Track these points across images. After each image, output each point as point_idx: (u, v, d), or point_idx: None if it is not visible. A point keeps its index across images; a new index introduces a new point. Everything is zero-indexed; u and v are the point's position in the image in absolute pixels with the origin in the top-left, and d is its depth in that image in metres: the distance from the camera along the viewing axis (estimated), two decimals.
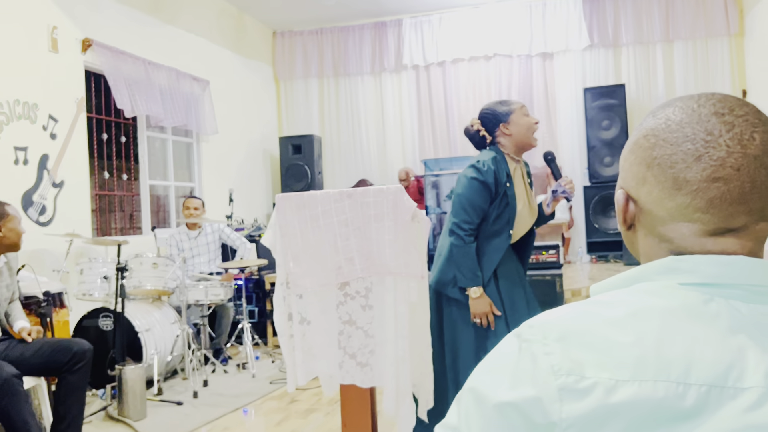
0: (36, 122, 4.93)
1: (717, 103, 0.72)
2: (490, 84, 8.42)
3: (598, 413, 0.62)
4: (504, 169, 2.67)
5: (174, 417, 4.00)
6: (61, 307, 4.17)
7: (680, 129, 0.72)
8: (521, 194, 2.74)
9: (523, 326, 0.71)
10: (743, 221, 0.71)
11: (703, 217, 0.71)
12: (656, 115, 0.76)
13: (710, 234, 0.72)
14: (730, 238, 0.72)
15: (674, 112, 0.74)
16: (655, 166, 0.74)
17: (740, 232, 0.71)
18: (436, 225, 7.17)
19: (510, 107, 2.72)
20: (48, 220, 4.99)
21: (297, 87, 9.09)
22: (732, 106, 0.72)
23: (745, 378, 0.62)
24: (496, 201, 2.63)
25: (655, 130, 0.75)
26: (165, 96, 6.39)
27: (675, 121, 0.73)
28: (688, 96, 0.76)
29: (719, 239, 0.72)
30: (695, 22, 7.65)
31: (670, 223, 0.74)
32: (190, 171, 7.32)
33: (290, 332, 2.14)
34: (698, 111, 0.72)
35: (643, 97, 7.91)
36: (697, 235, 0.72)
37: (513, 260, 2.77)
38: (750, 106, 0.73)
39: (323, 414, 3.99)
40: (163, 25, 6.61)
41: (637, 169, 0.76)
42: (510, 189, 2.67)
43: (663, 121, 0.74)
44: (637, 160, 0.76)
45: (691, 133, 0.71)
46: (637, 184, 0.77)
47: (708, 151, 0.70)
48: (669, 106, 0.76)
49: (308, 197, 2.13)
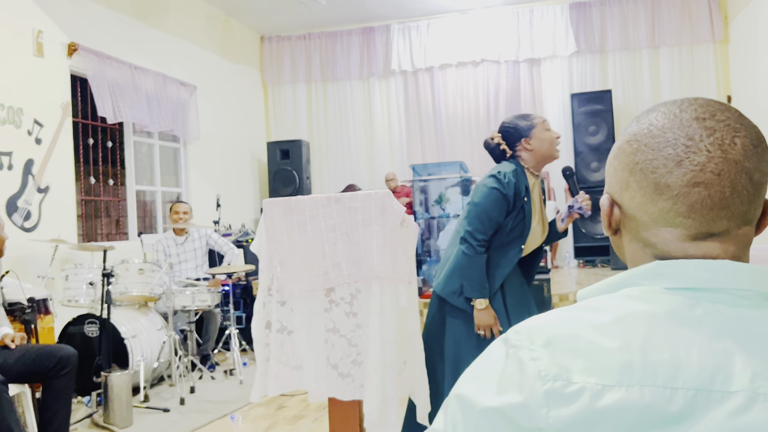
0: (21, 127, 4.88)
1: (699, 108, 0.72)
2: (477, 89, 8.46)
3: (585, 418, 0.62)
4: (523, 182, 2.65)
5: (161, 424, 3.97)
6: (45, 314, 4.12)
7: (662, 134, 0.72)
8: (536, 210, 2.73)
9: (509, 332, 0.70)
10: (725, 226, 0.71)
11: (685, 221, 0.71)
12: (640, 121, 0.76)
13: (692, 239, 0.72)
14: (713, 242, 0.72)
15: (657, 117, 0.74)
16: (638, 172, 0.74)
17: (723, 236, 0.72)
18: (424, 230, 7.17)
19: (532, 122, 2.70)
20: (33, 225, 4.94)
21: (285, 92, 9.08)
22: (714, 111, 0.72)
23: (732, 382, 0.62)
24: (512, 213, 2.61)
25: (638, 135, 0.75)
26: (151, 101, 6.36)
27: (657, 126, 0.73)
28: (672, 101, 0.76)
29: (701, 244, 0.72)
30: (681, 29, 7.72)
31: (653, 228, 0.74)
32: (177, 176, 7.28)
33: (266, 341, 2.13)
34: (680, 116, 0.72)
35: (630, 102, 7.97)
36: (680, 239, 0.73)
37: (518, 275, 2.76)
38: (732, 111, 0.73)
39: (311, 420, 3.97)
40: (150, 29, 6.58)
41: (621, 174, 0.77)
42: (527, 204, 2.65)
43: (646, 127, 0.74)
44: (621, 165, 0.77)
45: (673, 138, 0.71)
46: (621, 189, 0.77)
47: (689, 156, 0.70)
48: (653, 111, 0.76)
49: (296, 202, 2.13)
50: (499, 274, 2.62)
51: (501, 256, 2.63)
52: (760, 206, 0.73)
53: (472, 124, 8.41)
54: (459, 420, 0.68)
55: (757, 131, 0.72)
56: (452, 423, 0.68)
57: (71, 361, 3.23)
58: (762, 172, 0.71)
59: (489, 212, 2.57)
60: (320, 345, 2.10)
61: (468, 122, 8.42)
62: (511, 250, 2.63)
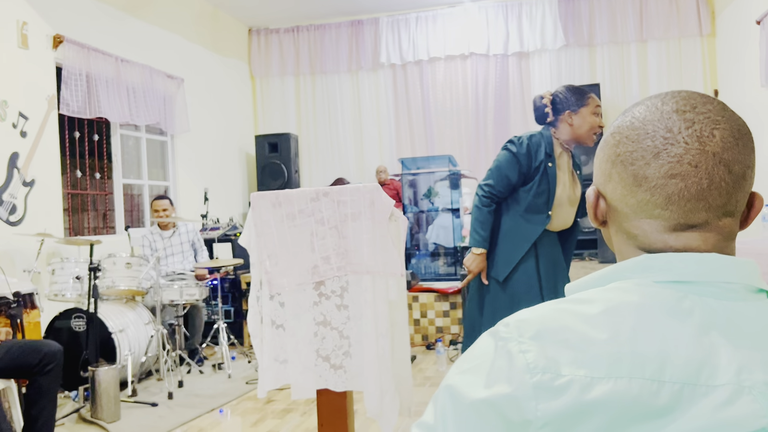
0: (6, 120, 4.83)
1: (681, 100, 0.73)
2: (467, 83, 8.45)
3: (574, 411, 0.62)
4: (546, 149, 2.73)
5: (148, 418, 3.95)
6: (32, 308, 4.09)
7: (642, 126, 0.73)
8: (563, 179, 2.79)
9: (498, 325, 0.70)
10: (704, 217, 0.71)
11: (663, 213, 0.72)
12: (625, 114, 0.77)
13: (672, 230, 0.73)
14: (692, 233, 0.72)
15: (640, 110, 0.75)
16: (619, 164, 0.75)
17: (702, 228, 0.72)
18: (413, 224, 7.18)
19: (585, 100, 2.76)
20: (18, 219, 4.89)
21: (273, 85, 9.03)
22: (695, 104, 0.72)
23: (717, 376, 0.63)
24: (536, 177, 2.71)
25: (621, 128, 0.76)
26: (138, 94, 6.30)
27: (639, 119, 0.74)
28: (657, 94, 0.77)
29: (681, 235, 0.72)
30: (668, 23, 7.75)
31: (634, 220, 0.75)
32: (165, 169, 7.24)
33: (261, 335, 2.13)
34: (661, 108, 0.73)
35: (618, 96, 8.00)
36: (659, 231, 0.73)
37: (554, 243, 2.82)
38: (715, 103, 0.73)
39: (300, 414, 3.97)
40: (136, 21, 6.52)
41: (604, 166, 0.78)
42: (551, 169, 2.72)
43: (629, 119, 0.75)
44: (605, 157, 0.78)
45: (652, 130, 0.72)
46: (605, 181, 0.78)
47: (666, 148, 0.71)
48: (639, 104, 0.77)
49: (284, 196, 2.12)
50: (525, 240, 2.72)
51: (527, 220, 2.73)
52: (743, 198, 0.73)
53: (461, 118, 8.41)
54: (449, 412, 0.68)
55: (740, 123, 0.73)
56: (442, 415, 0.69)
57: (56, 357, 3.20)
58: (743, 164, 0.71)
59: (501, 168, 2.74)
60: (309, 339, 2.09)
61: (457, 116, 8.42)
62: (538, 216, 2.73)
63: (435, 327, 5.83)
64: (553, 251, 2.81)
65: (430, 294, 5.87)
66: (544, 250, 2.76)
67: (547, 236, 2.78)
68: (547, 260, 2.76)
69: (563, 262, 2.88)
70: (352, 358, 2.07)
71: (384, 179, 7.95)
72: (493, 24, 8.27)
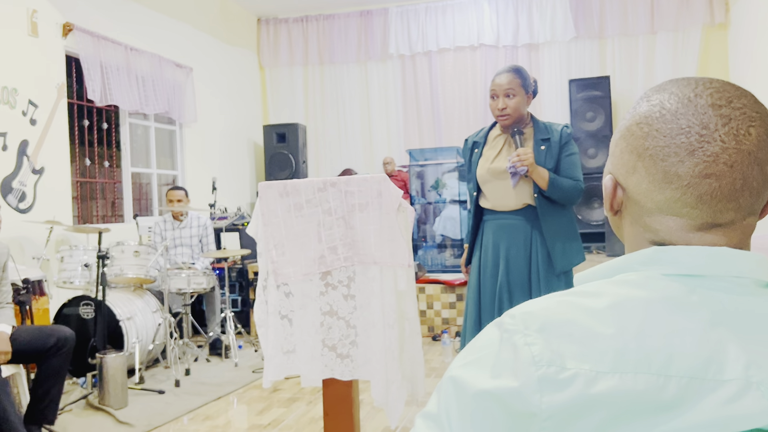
0: (15, 107, 4.85)
1: (715, 93, 0.70)
2: (476, 74, 8.41)
3: (578, 404, 0.62)
4: (483, 136, 2.92)
5: (156, 406, 3.98)
6: (41, 295, 4.12)
7: (675, 120, 0.70)
8: (489, 156, 2.86)
9: (504, 316, 0.70)
10: (731, 217, 0.70)
11: (692, 212, 0.70)
12: (651, 100, 0.73)
13: (697, 229, 0.71)
14: (716, 233, 0.71)
15: (669, 99, 0.71)
16: (647, 157, 0.72)
17: (727, 227, 0.71)
18: (420, 215, 7.17)
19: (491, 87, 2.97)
20: (28, 206, 4.92)
21: (282, 75, 9.02)
22: (730, 98, 0.69)
23: (725, 370, 0.62)
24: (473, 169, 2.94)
25: (649, 119, 0.72)
26: (147, 83, 6.31)
27: (670, 110, 0.71)
28: (684, 80, 0.73)
29: (705, 234, 0.71)
30: (679, 14, 7.68)
31: (657, 215, 0.73)
32: (173, 158, 7.25)
33: (267, 325, 2.14)
34: (695, 101, 0.70)
35: (628, 88, 7.94)
36: (684, 229, 0.72)
37: (519, 241, 2.75)
38: (749, 97, 0.70)
39: (305, 403, 3.99)
40: (145, 10, 6.52)
41: (628, 157, 0.75)
42: (476, 155, 2.89)
43: (658, 109, 0.72)
44: (629, 147, 0.74)
45: (686, 125, 0.69)
46: (627, 172, 0.75)
47: (702, 146, 0.68)
48: (664, 91, 0.73)
49: (291, 186, 2.12)
50: (474, 218, 2.92)
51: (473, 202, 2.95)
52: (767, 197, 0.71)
53: (469, 109, 8.37)
54: (452, 402, 0.68)
55: None
56: (446, 405, 0.68)
57: (68, 342, 3.25)
58: None
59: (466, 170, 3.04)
60: (315, 328, 2.10)
61: (465, 107, 8.38)
62: (473, 194, 2.93)
63: (441, 318, 5.84)
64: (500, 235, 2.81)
65: (437, 285, 5.87)
66: (488, 235, 2.86)
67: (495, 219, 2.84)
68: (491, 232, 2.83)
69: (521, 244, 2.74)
70: (359, 347, 2.07)
71: (390, 171, 7.93)
72: (503, 15, 8.22)
